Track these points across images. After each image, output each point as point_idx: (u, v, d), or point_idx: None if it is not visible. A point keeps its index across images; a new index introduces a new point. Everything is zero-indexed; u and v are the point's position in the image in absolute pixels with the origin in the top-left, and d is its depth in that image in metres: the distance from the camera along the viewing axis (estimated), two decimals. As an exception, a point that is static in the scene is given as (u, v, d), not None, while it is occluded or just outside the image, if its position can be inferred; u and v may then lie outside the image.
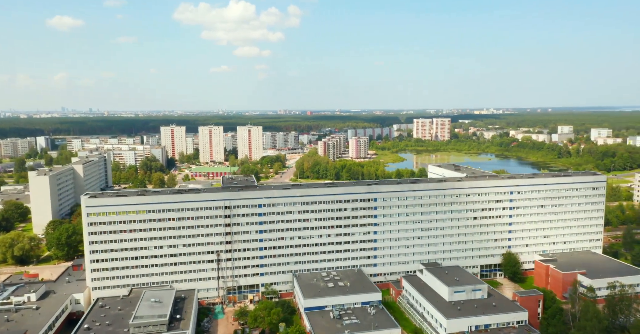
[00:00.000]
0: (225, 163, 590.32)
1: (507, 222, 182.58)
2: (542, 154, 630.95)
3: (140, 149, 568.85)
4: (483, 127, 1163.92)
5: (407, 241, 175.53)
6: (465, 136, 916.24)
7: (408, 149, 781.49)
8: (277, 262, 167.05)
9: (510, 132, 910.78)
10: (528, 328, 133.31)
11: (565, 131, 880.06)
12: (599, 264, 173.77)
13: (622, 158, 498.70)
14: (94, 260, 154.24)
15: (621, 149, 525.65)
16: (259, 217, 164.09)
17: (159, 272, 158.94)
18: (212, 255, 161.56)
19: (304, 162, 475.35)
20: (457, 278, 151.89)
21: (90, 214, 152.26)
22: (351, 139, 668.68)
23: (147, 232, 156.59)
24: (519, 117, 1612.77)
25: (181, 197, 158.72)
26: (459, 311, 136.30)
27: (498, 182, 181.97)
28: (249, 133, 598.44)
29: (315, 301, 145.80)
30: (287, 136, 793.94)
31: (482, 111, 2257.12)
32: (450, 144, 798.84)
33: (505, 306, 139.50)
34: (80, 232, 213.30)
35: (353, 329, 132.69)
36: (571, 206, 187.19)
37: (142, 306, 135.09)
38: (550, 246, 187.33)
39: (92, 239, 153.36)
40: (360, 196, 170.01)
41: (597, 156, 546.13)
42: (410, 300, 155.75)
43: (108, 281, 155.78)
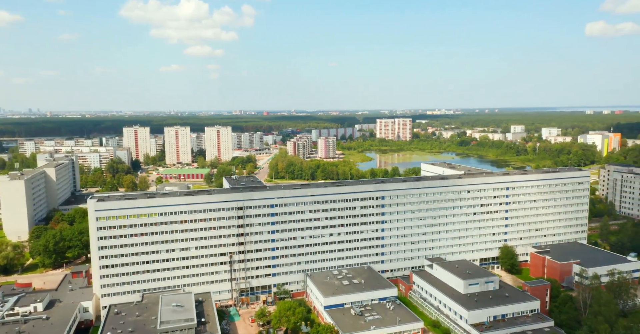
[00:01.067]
0: (193, 165, 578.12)
1: (503, 217, 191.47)
2: (501, 152, 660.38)
3: (103, 151, 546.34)
4: (440, 127, 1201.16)
5: (413, 238, 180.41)
6: (426, 136, 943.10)
7: (373, 149, 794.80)
8: (289, 262, 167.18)
9: (467, 132, 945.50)
10: (541, 316, 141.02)
11: (517, 130, 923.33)
12: (588, 254, 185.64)
13: (577, 155, 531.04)
14: (103, 266, 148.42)
15: (575, 147, 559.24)
16: (272, 218, 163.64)
17: (170, 276, 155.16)
18: (225, 257, 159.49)
19: (277, 162, 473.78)
20: (469, 271, 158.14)
21: (99, 218, 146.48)
22: (319, 139, 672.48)
23: (159, 235, 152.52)
24: (471, 117, 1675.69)
25: (193, 199, 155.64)
26: (476, 302, 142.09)
27: (495, 178, 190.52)
28: (217, 134, 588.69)
29: (334, 299, 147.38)
30: (253, 137, 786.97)
31: (434, 112, 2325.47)
32: (413, 144, 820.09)
33: (517, 296, 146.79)
34: (67, 238, 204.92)
35: (378, 324, 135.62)
36: (559, 200, 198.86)
37: (164, 311, 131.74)
38: (542, 239, 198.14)
39: (102, 244, 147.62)
40: (368, 194, 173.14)
41: (553, 153, 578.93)
42: (423, 294, 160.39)
43: (118, 287, 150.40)
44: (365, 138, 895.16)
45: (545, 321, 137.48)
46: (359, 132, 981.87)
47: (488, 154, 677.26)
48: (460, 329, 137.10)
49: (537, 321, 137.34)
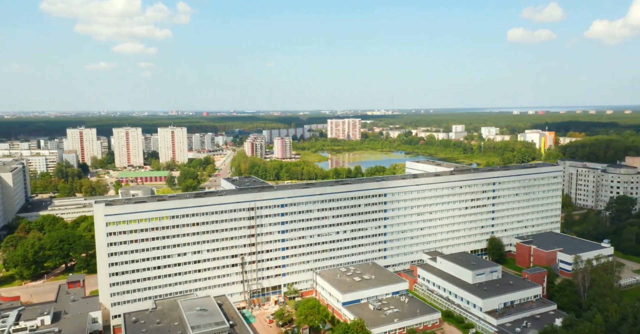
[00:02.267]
0: (146, 167, 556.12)
1: (490, 211, 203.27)
2: (449, 150, 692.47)
3: (47, 155, 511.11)
4: (385, 127, 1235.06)
5: (412, 233, 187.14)
6: (374, 135, 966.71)
7: (325, 149, 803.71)
8: (298, 261, 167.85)
9: (412, 132, 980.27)
10: (544, 300, 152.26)
11: (459, 129, 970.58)
12: (566, 242, 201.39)
13: (520, 152, 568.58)
14: (113, 273, 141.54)
15: (518, 145, 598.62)
16: (281, 217, 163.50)
17: (182, 280, 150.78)
18: (236, 259, 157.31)
19: (240, 163, 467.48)
20: (473, 262, 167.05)
21: (109, 223, 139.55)
22: (276, 139, 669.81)
23: (170, 239, 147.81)
24: (411, 117, 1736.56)
25: (205, 200, 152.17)
26: (486, 291, 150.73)
27: (483, 174, 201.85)
28: (172, 135, 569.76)
29: (351, 295, 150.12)
30: (204, 138, 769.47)
31: (374, 112, 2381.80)
32: (364, 143, 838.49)
33: (521, 283, 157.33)
34: (47, 247, 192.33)
35: (400, 317, 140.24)
36: (537, 194, 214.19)
37: (190, 317, 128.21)
38: (523, 230, 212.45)
39: (112, 250, 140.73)
40: (372, 192, 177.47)
41: (498, 151, 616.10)
42: (430, 287, 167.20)
43: (129, 294, 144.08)
44: (316, 138, 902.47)
45: (549, 305, 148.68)
46: (309, 133, 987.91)
47: (436, 152, 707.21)
48: (475, 317, 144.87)
49: (542, 306, 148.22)
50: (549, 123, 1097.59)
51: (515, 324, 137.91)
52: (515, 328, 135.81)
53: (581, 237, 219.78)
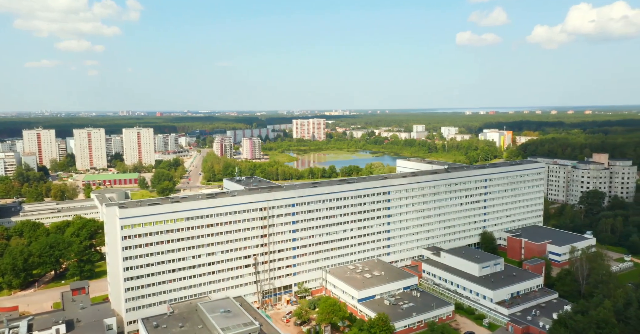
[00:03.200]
0: (111, 170, 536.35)
1: (482, 206, 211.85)
2: (414, 149, 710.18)
3: (2, 157, 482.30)
4: (346, 127, 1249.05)
5: (413, 229, 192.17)
6: (339, 135, 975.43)
7: (292, 149, 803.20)
8: (308, 260, 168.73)
9: (375, 131, 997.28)
10: (546, 289, 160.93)
11: (419, 129, 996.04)
12: (551, 234, 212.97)
13: (484, 151, 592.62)
14: (128, 278, 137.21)
15: (481, 143, 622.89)
16: (292, 217, 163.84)
17: (197, 283, 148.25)
18: (249, 260, 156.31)
19: (213, 164, 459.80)
20: (477, 255, 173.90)
21: (124, 226, 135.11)
22: (244, 140, 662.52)
23: (185, 241, 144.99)
24: (371, 117, 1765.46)
25: (219, 201, 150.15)
26: (494, 283, 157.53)
27: (476, 171, 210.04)
28: (138, 136, 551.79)
29: (367, 291, 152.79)
30: (167, 139, 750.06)
31: (332, 112, 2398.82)
32: (331, 143, 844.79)
33: (523, 274, 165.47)
34: (37, 254, 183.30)
35: (418, 311, 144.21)
36: (523, 189, 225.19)
37: (216, 319, 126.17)
38: (511, 224, 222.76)
39: (127, 254, 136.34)
40: (377, 190, 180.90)
41: (462, 150, 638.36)
42: (436, 281, 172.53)
43: (144, 299, 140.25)
44: (282, 139, 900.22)
45: (551, 294, 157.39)
46: (274, 133, 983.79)
47: (402, 151, 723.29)
48: (486, 308, 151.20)
49: (545, 295, 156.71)
50: (502, 123, 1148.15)
51: (525, 313, 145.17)
52: (526, 316, 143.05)
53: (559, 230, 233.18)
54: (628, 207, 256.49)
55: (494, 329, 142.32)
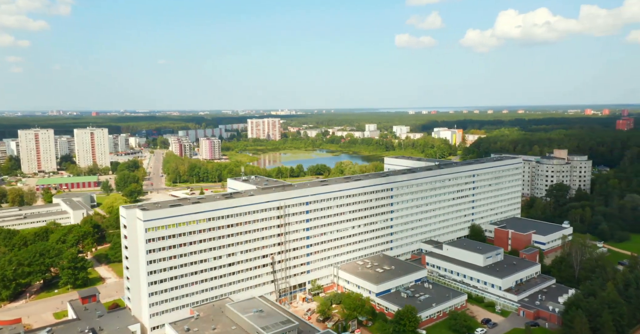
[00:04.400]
0: (62, 173, 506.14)
1: (471, 200, 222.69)
2: (372, 148, 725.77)
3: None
4: (298, 126, 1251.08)
5: (412, 224, 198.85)
6: (294, 135, 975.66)
7: (249, 149, 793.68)
8: (320, 257, 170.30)
9: (329, 131, 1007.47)
10: (544, 276, 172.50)
11: (372, 128, 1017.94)
12: (532, 225, 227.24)
13: (440, 148, 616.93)
14: (152, 282, 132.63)
15: (437, 141, 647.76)
16: (306, 215, 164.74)
17: (218, 285, 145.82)
18: (267, 259, 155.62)
19: (178, 165, 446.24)
20: (479, 247, 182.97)
21: (148, 229, 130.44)
22: (202, 140, 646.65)
23: (207, 243, 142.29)
24: (319, 117, 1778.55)
25: (238, 201, 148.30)
26: (499, 271, 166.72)
27: (466, 167, 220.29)
28: (91, 136, 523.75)
29: (384, 285, 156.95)
30: (117, 139, 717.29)
31: (278, 112, 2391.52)
32: (287, 143, 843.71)
33: (522, 263, 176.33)
34: (26, 264, 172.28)
35: (436, 302, 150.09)
36: (504, 183, 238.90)
37: (252, 319, 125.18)
38: (495, 216, 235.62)
39: (151, 258, 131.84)
40: (381, 186, 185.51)
41: (419, 148, 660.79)
42: (441, 272, 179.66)
43: (167, 303, 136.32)
44: (238, 139, 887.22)
45: (549, 280, 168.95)
46: (227, 133, 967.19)
47: (360, 150, 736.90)
48: (495, 296, 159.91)
49: (544, 281, 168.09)
50: (446, 122, 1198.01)
51: (532, 299, 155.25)
52: (535, 301, 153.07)
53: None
54: (590, 198, 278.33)
55: (507, 315, 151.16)
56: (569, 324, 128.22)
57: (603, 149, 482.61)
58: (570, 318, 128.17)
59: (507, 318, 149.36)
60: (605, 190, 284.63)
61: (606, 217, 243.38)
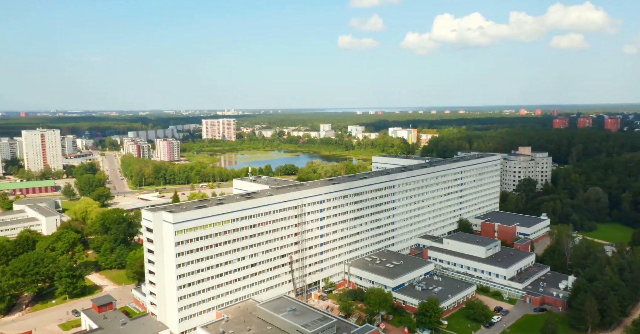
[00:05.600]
0: (9, 178, 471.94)
1: (459, 196, 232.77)
2: (332, 148, 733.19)
3: None
4: (250, 126, 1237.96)
5: (411, 220, 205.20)
6: (249, 135, 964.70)
7: (205, 150, 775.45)
8: (332, 255, 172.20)
9: (284, 130, 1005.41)
10: (538, 264, 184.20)
11: (326, 128, 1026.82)
12: (514, 218, 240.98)
13: (400, 147, 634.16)
14: (181, 286, 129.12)
15: (396, 141, 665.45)
16: (320, 214, 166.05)
17: (241, 286, 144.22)
18: (285, 259, 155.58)
19: (142, 168, 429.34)
20: (478, 239, 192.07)
21: (178, 231, 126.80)
22: (159, 141, 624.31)
23: (231, 244, 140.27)
24: (269, 117, 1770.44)
25: (260, 201, 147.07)
26: (501, 262, 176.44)
27: (454, 164, 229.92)
28: (42, 139, 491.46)
29: (399, 280, 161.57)
30: (64, 141, 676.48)
31: (224, 112, 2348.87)
32: (245, 143, 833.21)
33: (519, 253, 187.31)
34: (19, 274, 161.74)
35: (450, 293, 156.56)
36: (486, 179, 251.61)
37: (288, 318, 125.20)
38: (478, 211, 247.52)
39: (180, 261, 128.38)
40: (384, 184, 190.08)
41: (378, 147, 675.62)
42: (444, 265, 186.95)
43: (195, 307, 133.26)
44: (194, 139, 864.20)
45: (544, 268, 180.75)
46: (179, 134, 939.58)
47: (321, 150, 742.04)
48: (500, 285, 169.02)
49: (541, 269, 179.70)
50: (396, 121, 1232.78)
51: (535, 286, 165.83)
52: (538, 288, 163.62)
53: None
54: (557, 192, 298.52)
55: (514, 303, 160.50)
56: (579, 307, 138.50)
57: (552, 146, 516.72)
58: (580, 301, 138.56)
59: (515, 305, 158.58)
60: (569, 184, 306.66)
61: (574, 209, 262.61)
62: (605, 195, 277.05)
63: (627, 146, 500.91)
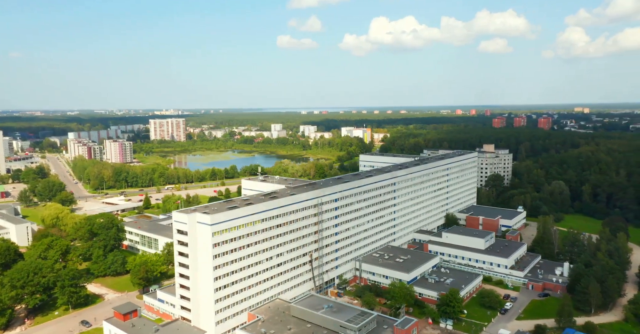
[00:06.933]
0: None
1: (446, 192, 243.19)
2: (289, 148, 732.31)
3: None
4: (197, 126, 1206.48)
5: (408, 216, 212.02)
6: (199, 136, 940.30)
7: (156, 151, 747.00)
8: (345, 252, 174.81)
9: (235, 130, 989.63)
10: (530, 253, 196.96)
11: (278, 128, 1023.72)
12: (493, 211, 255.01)
13: (358, 146, 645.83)
14: (218, 288, 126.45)
15: (354, 140, 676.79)
16: (335, 212, 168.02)
17: (269, 286, 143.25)
18: (306, 257, 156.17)
19: (101, 170, 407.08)
20: (475, 232, 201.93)
21: (215, 233, 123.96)
22: (110, 142, 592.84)
23: (261, 244, 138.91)
24: (216, 117, 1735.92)
25: (285, 200, 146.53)
26: (499, 252, 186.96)
27: (442, 161, 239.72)
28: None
29: (413, 273, 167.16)
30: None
31: (162, 112, 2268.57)
32: (197, 144, 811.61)
33: (513, 244, 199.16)
34: (18, 285, 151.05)
35: (460, 284, 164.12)
36: (467, 175, 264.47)
37: (329, 314, 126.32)
38: (460, 205, 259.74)
39: (217, 263, 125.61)
40: (387, 181, 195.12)
41: (336, 146, 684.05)
42: (446, 258, 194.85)
43: (230, 309, 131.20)
44: (142, 140, 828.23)
45: (536, 257, 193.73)
46: (124, 135, 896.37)
47: (277, 150, 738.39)
48: (501, 274, 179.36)
49: (534, 257, 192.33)
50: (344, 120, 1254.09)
51: (534, 273, 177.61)
52: (538, 275, 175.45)
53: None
54: (524, 186, 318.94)
55: (518, 290, 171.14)
56: (584, 290, 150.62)
57: (502, 144, 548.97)
58: (585, 285, 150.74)
59: (520, 292, 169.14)
60: (533, 178, 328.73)
61: (542, 202, 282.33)
62: (567, 188, 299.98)
63: (567, 143, 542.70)
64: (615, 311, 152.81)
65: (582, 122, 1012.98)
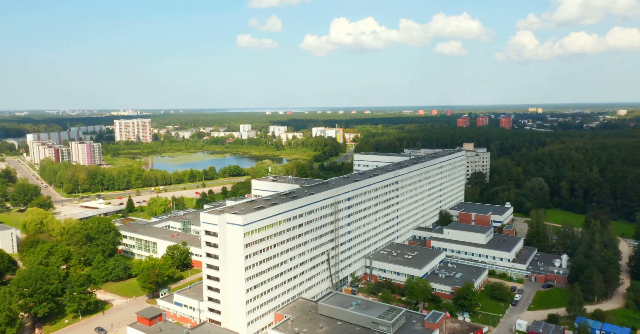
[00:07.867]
0: None
1: (440, 189, 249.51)
2: (262, 148, 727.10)
3: None
4: (160, 127, 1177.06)
5: (409, 213, 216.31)
6: (166, 137, 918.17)
7: (123, 153, 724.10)
8: (357, 250, 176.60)
9: (202, 131, 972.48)
10: (527, 247, 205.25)
11: (246, 129, 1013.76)
12: (482, 207, 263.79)
13: (333, 146, 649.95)
14: (249, 289, 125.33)
15: (329, 140, 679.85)
16: (349, 210, 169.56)
17: (292, 286, 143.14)
18: (324, 256, 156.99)
19: (74, 174, 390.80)
20: (475, 228, 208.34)
21: (247, 233, 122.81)
22: (77, 144, 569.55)
23: (285, 243, 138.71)
24: (178, 117, 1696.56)
25: (306, 200, 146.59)
26: (500, 247, 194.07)
27: (435, 160, 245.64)
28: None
29: (425, 269, 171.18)
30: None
31: (120, 112, 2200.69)
32: (166, 145, 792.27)
33: (510, 238, 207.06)
34: (26, 294, 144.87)
35: (469, 278, 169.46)
36: (457, 173, 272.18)
37: (360, 311, 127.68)
38: (451, 202, 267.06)
39: (248, 263, 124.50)
40: (392, 180, 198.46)
41: (311, 146, 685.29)
42: (449, 253, 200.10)
43: (259, 310, 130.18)
44: (108, 141, 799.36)
45: (533, 250, 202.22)
46: (86, 136, 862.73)
47: (250, 150, 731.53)
48: (504, 267, 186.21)
49: (531, 251, 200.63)
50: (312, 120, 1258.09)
51: (534, 266, 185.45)
52: (539, 267, 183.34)
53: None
54: (505, 183, 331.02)
55: (522, 282, 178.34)
56: (587, 280, 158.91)
57: (474, 143, 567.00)
58: (588, 275, 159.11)
59: (524, 284, 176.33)
60: (513, 175, 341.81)
61: (525, 197, 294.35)
62: (546, 184, 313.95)
63: (534, 141, 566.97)
64: (615, 299, 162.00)
65: (539, 121, 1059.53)
